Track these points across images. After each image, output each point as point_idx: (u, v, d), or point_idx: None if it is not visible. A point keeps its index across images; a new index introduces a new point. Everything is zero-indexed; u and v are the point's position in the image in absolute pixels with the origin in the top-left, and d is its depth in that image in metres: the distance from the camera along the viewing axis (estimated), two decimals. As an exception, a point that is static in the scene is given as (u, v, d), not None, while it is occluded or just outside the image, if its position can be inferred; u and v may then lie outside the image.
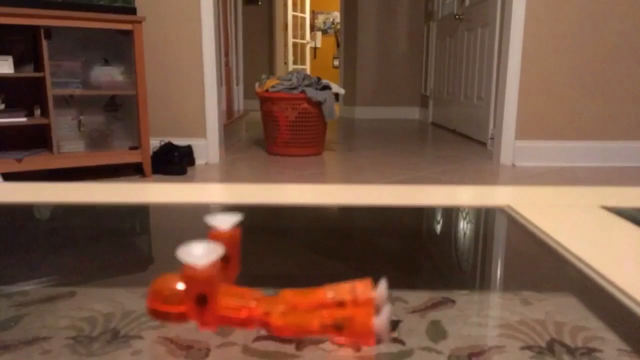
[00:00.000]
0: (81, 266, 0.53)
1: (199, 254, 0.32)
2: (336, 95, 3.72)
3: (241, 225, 0.41)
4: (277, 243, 0.60)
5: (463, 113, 4.60)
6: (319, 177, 2.86)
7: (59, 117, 2.68)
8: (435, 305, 0.42)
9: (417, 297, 0.43)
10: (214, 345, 0.36)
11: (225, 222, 0.39)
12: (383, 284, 0.31)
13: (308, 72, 9.03)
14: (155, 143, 3.15)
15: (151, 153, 2.86)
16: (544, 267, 0.54)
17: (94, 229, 0.67)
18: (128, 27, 2.64)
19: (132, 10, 2.67)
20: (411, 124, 5.80)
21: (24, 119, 2.59)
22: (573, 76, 3.22)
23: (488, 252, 0.61)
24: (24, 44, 2.67)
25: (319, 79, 3.57)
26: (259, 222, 0.68)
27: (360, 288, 0.32)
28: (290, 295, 0.32)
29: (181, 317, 0.34)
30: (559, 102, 3.25)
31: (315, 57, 10.32)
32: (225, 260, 0.37)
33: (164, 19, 3.13)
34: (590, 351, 0.35)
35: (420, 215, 0.73)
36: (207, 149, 3.25)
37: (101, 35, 2.76)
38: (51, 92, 2.54)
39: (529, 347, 0.35)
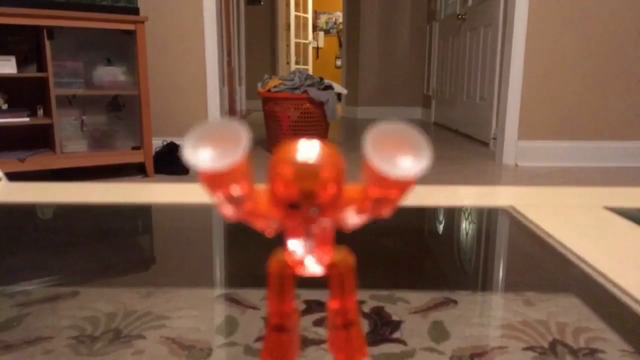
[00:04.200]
0: (83, 266, 0.53)
1: None
2: (338, 95, 3.71)
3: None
4: (278, 244, 0.59)
5: (465, 113, 4.59)
6: (321, 177, 2.84)
7: (62, 117, 2.68)
8: (437, 305, 0.42)
9: (419, 298, 0.43)
10: (216, 345, 0.36)
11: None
12: None
13: (310, 72, 9.03)
14: (157, 143, 3.15)
15: (154, 153, 2.86)
16: (547, 267, 0.54)
17: (97, 229, 0.67)
18: (131, 27, 2.64)
19: (135, 11, 2.67)
20: (414, 124, 5.77)
21: (26, 119, 2.59)
22: (576, 76, 3.21)
23: (490, 253, 0.61)
24: (27, 44, 2.67)
25: (321, 79, 3.57)
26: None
27: None
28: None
29: None
30: (562, 102, 3.24)
31: (317, 57, 10.31)
32: None
33: (167, 19, 3.13)
34: (592, 352, 0.35)
35: (423, 215, 0.72)
36: (210, 149, 3.25)
37: (104, 35, 2.76)
38: (54, 92, 2.54)
39: (531, 348, 0.35)
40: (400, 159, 0.19)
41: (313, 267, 0.24)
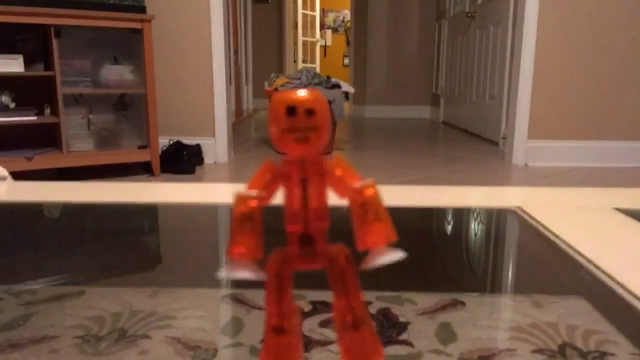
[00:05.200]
0: (89, 265, 0.54)
1: None
2: (346, 94, 3.71)
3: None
4: (277, 243, 0.59)
5: (475, 112, 4.57)
6: (328, 176, 2.84)
7: (69, 116, 2.69)
8: (444, 307, 0.41)
9: (427, 299, 0.43)
10: (221, 345, 0.36)
11: None
12: None
13: (318, 70, 9.01)
14: (164, 142, 3.16)
15: (160, 152, 2.87)
16: (556, 269, 0.53)
17: (103, 228, 0.67)
18: (137, 25, 2.65)
19: (142, 9, 2.68)
20: (422, 123, 5.77)
21: (34, 118, 2.60)
22: (587, 75, 3.19)
23: (499, 254, 0.60)
24: (34, 43, 2.69)
25: (328, 77, 3.57)
26: (264, 222, 0.67)
27: None
28: None
29: None
30: (573, 101, 3.22)
31: (325, 55, 10.32)
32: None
33: (174, 18, 3.13)
34: (602, 355, 0.34)
35: (430, 216, 0.72)
36: (216, 148, 3.26)
37: (111, 34, 2.77)
38: (61, 90, 2.55)
39: (540, 351, 0.35)
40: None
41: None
